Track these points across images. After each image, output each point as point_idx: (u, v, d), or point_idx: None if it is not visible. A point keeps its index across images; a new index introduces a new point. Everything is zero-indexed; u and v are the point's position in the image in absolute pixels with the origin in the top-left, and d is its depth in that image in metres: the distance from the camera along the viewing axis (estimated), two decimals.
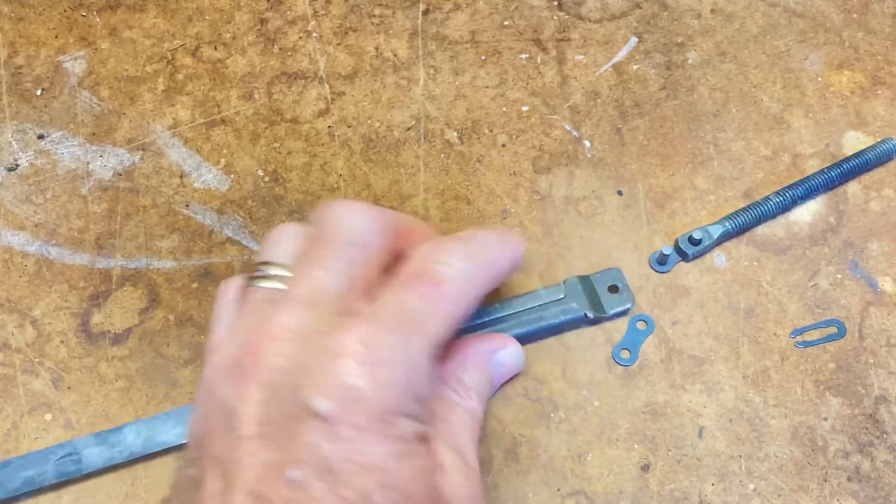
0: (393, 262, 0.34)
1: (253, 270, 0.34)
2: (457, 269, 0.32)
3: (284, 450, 0.28)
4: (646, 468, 0.37)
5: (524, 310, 0.39)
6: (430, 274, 0.32)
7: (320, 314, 0.30)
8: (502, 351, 0.38)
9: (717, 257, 0.42)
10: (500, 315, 0.39)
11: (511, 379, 0.39)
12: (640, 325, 0.40)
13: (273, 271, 0.34)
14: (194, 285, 0.42)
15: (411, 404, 0.29)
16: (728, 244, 0.42)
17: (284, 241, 0.35)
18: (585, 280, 0.41)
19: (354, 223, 0.33)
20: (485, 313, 0.39)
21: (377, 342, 0.29)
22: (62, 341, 0.40)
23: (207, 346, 0.34)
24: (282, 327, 0.30)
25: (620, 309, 0.40)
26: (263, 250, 0.35)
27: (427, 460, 0.30)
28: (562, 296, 0.40)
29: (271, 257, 0.34)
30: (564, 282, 0.40)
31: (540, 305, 0.40)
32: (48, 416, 0.39)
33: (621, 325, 0.40)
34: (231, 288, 0.35)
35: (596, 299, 0.40)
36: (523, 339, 0.39)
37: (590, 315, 0.40)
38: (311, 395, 0.28)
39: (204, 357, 0.34)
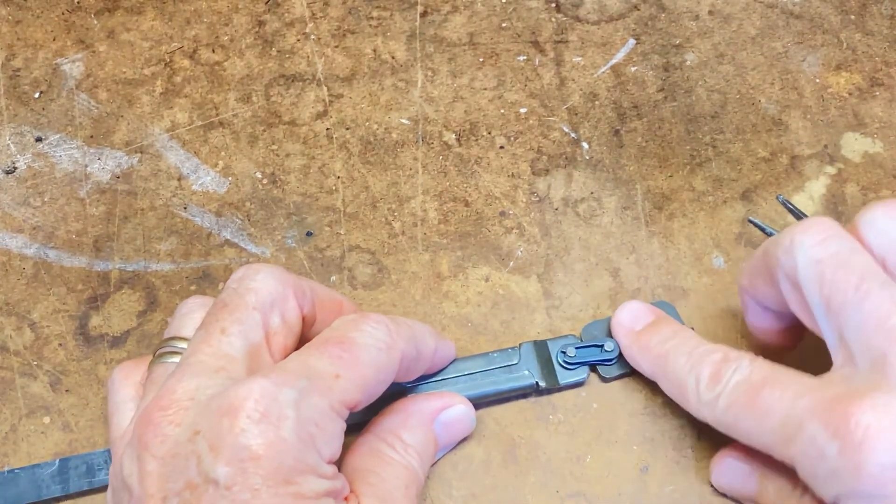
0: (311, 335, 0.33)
1: (158, 346, 0.34)
2: (374, 337, 0.31)
3: None
4: (645, 470, 0.37)
5: (474, 372, 0.38)
6: (344, 339, 0.31)
7: (219, 378, 0.29)
8: (449, 410, 0.36)
9: (716, 259, 0.42)
10: (448, 376, 0.38)
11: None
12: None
13: (179, 345, 0.33)
14: (192, 288, 0.42)
15: (316, 462, 0.29)
16: (726, 245, 0.42)
17: (191, 313, 0.34)
18: (541, 346, 0.39)
19: (259, 286, 0.32)
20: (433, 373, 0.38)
21: (271, 398, 0.28)
22: (60, 344, 0.40)
23: (110, 437, 0.33)
24: (177, 395, 0.29)
25: (574, 380, 0.38)
26: (170, 325, 0.35)
27: None
28: (515, 361, 0.38)
29: (177, 332, 0.34)
30: (520, 346, 0.39)
31: (491, 369, 0.38)
32: (46, 419, 0.39)
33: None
34: (118, 377, 0.34)
35: (550, 368, 0.38)
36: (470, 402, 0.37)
37: (541, 384, 0.38)
38: (207, 461, 0.27)
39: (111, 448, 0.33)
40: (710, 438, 0.38)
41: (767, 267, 0.33)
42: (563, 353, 0.39)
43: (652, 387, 0.39)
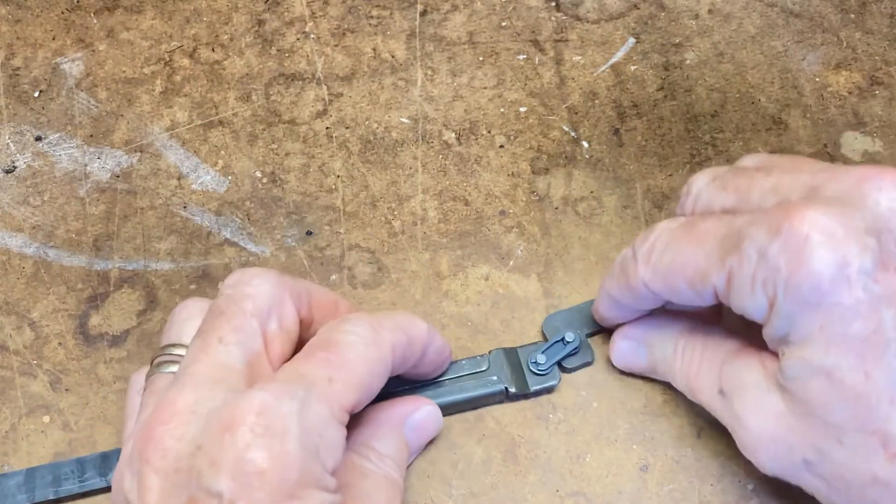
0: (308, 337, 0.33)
1: (157, 355, 0.33)
2: (357, 334, 0.31)
3: None
4: (645, 469, 0.37)
5: (443, 380, 0.38)
6: (328, 342, 0.31)
7: (219, 391, 0.29)
8: (416, 413, 0.36)
9: None
10: (416, 384, 0.38)
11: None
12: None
13: (177, 352, 0.33)
14: (192, 287, 0.42)
15: (320, 474, 0.28)
16: None
17: (190, 319, 0.34)
18: (511, 353, 0.39)
19: (256, 291, 0.32)
20: (400, 381, 0.37)
21: (273, 410, 0.28)
22: (60, 343, 0.40)
23: (123, 438, 0.33)
24: (177, 408, 0.29)
25: (544, 385, 0.38)
26: (167, 331, 0.34)
27: None
28: (484, 368, 0.38)
29: (176, 339, 0.33)
30: (489, 353, 0.39)
31: (460, 376, 0.38)
32: (46, 419, 0.39)
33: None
34: (140, 378, 0.34)
35: (520, 374, 0.38)
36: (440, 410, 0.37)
37: (511, 390, 0.38)
38: (209, 475, 0.27)
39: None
40: (710, 438, 0.38)
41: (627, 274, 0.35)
42: (535, 361, 0.38)
43: (652, 385, 0.39)
